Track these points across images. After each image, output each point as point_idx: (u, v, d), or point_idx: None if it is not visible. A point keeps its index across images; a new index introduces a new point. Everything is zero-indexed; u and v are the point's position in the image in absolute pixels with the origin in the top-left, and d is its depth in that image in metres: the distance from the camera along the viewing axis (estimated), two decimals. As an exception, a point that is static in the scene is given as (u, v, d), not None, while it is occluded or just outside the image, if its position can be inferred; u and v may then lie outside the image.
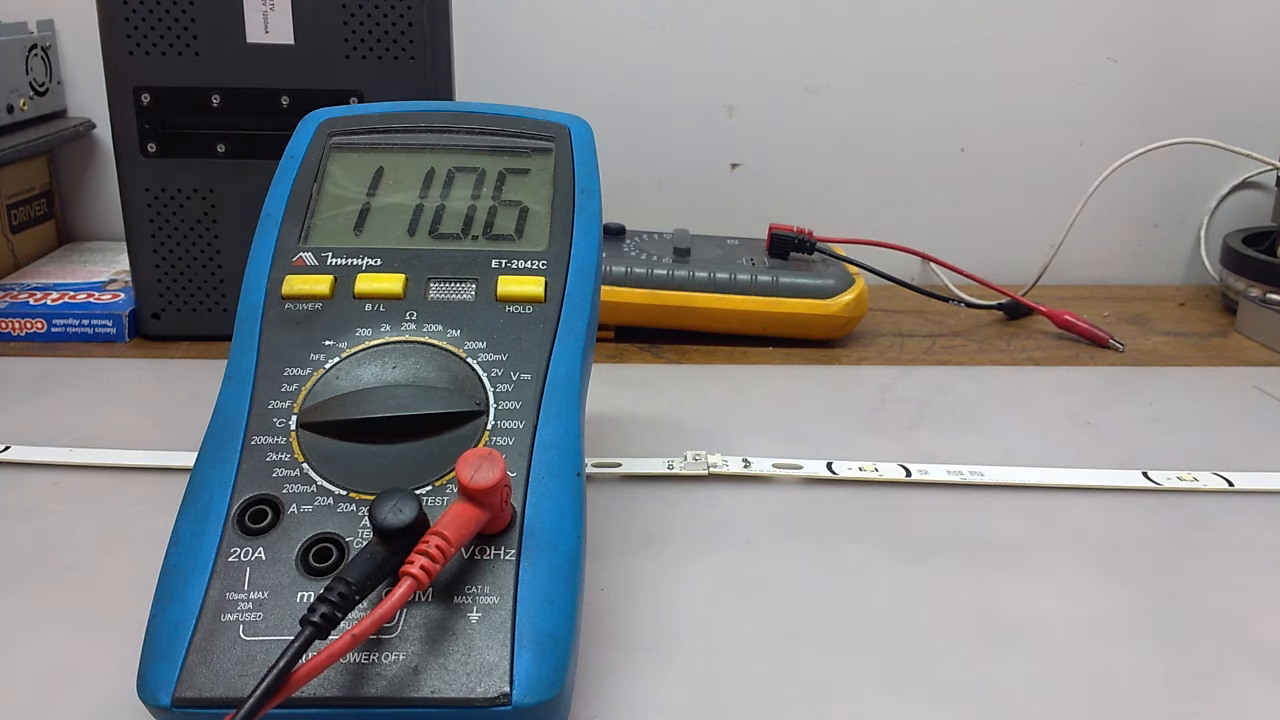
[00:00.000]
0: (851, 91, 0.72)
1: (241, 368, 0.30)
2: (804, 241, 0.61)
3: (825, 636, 0.32)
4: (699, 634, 0.32)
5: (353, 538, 0.26)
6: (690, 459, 0.43)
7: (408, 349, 0.30)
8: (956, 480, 0.42)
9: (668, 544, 0.37)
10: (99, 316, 0.57)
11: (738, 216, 0.72)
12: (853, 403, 0.50)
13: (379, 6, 0.52)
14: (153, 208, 0.55)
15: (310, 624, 0.23)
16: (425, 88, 0.54)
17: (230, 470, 0.28)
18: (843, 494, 0.41)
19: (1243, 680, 0.30)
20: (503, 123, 0.37)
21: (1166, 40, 0.72)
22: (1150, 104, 0.73)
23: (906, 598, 0.34)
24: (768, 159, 0.74)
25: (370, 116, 0.37)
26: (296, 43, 0.53)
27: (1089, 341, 0.61)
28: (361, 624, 0.23)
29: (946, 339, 0.61)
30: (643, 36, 0.71)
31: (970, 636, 0.32)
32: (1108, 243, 0.74)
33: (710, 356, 0.57)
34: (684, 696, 0.29)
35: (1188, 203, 0.75)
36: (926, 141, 0.73)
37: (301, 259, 0.33)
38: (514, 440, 0.29)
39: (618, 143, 0.69)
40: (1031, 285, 0.65)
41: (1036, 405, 0.51)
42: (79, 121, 0.70)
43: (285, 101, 0.53)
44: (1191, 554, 0.38)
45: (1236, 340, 0.62)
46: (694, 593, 0.34)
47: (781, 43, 0.71)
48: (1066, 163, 0.73)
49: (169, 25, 0.52)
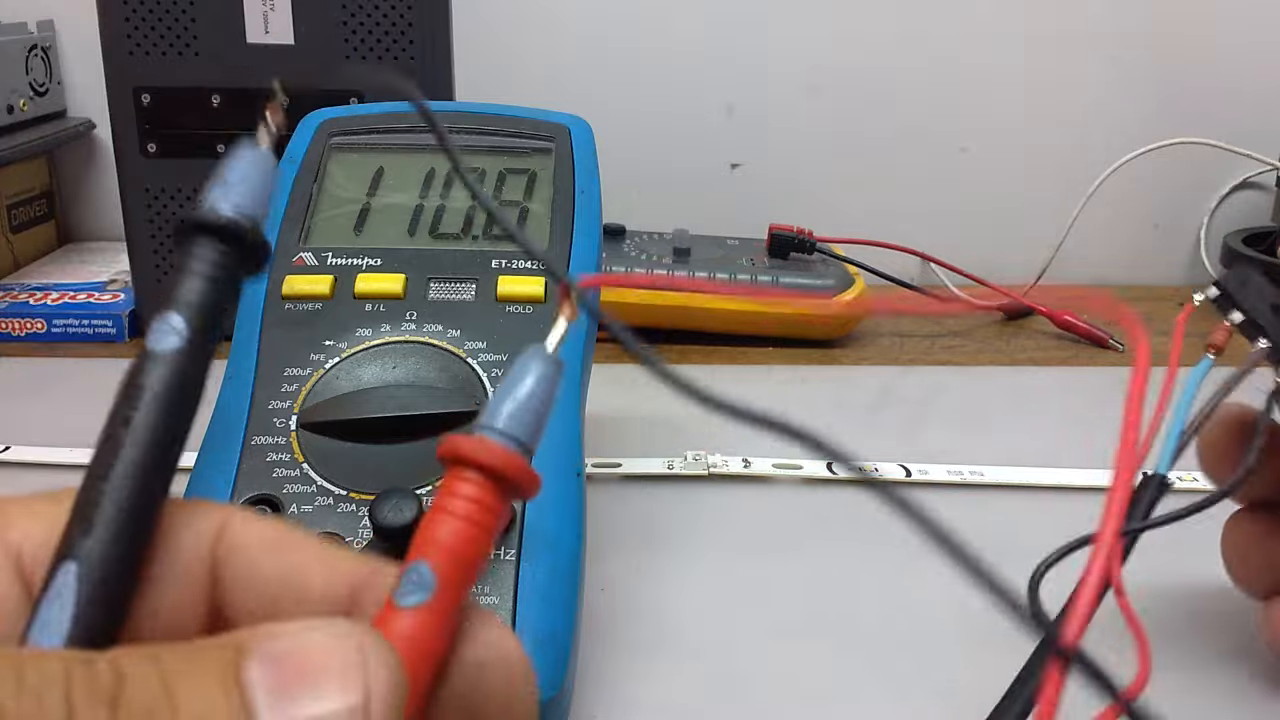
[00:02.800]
0: (851, 91, 0.72)
1: (241, 368, 0.30)
2: (804, 242, 0.60)
3: (825, 636, 0.32)
4: (699, 634, 0.32)
5: (353, 538, 0.26)
6: (690, 459, 0.43)
7: (408, 349, 0.30)
8: (956, 480, 0.42)
9: (668, 544, 0.37)
10: (99, 316, 0.57)
11: (738, 216, 0.71)
12: (853, 403, 0.50)
13: (379, 6, 0.52)
14: (152, 208, 0.55)
15: (310, 624, 0.23)
16: (425, 88, 0.53)
17: (230, 470, 0.28)
18: (843, 494, 0.41)
19: (1245, 675, 0.30)
20: (503, 123, 0.37)
21: (1166, 40, 0.72)
22: (1150, 104, 0.73)
23: (906, 598, 0.34)
24: (768, 159, 0.73)
25: (370, 117, 0.37)
26: (296, 43, 0.53)
27: (1089, 342, 0.61)
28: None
29: (946, 339, 0.61)
30: (643, 36, 0.71)
31: (970, 637, 0.32)
32: (1108, 243, 0.74)
33: (710, 356, 0.57)
34: (684, 696, 0.29)
35: (1188, 203, 0.75)
36: (926, 141, 0.73)
37: (301, 259, 0.33)
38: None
39: (618, 143, 0.69)
40: (1031, 286, 0.65)
41: (1036, 405, 0.51)
42: (79, 121, 0.70)
43: (285, 101, 0.53)
44: (1193, 554, 0.38)
45: (1236, 340, 0.62)
46: (694, 593, 0.34)
47: (781, 43, 0.71)
48: (1066, 163, 0.73)
49: (169, 25, 0.52)
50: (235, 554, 0.16)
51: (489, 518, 0.14)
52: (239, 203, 0.16)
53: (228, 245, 0.16)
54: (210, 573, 0.16)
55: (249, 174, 0.16)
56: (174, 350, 0.15)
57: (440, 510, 0.15)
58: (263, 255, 0.16)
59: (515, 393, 0.15)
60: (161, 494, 0.15)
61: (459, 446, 0.15)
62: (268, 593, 0.16)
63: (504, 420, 0.15)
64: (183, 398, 0.15)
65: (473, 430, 0.15)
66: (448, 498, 0.15)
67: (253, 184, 0.16)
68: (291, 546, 0.16)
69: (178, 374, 0.15)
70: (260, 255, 0.16)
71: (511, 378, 0.15)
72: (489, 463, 0.14)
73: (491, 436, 0.15)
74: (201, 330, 0.15)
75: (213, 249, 0.16)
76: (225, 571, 0.16)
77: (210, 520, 0.16)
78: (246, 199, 0.16)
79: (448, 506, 0.14)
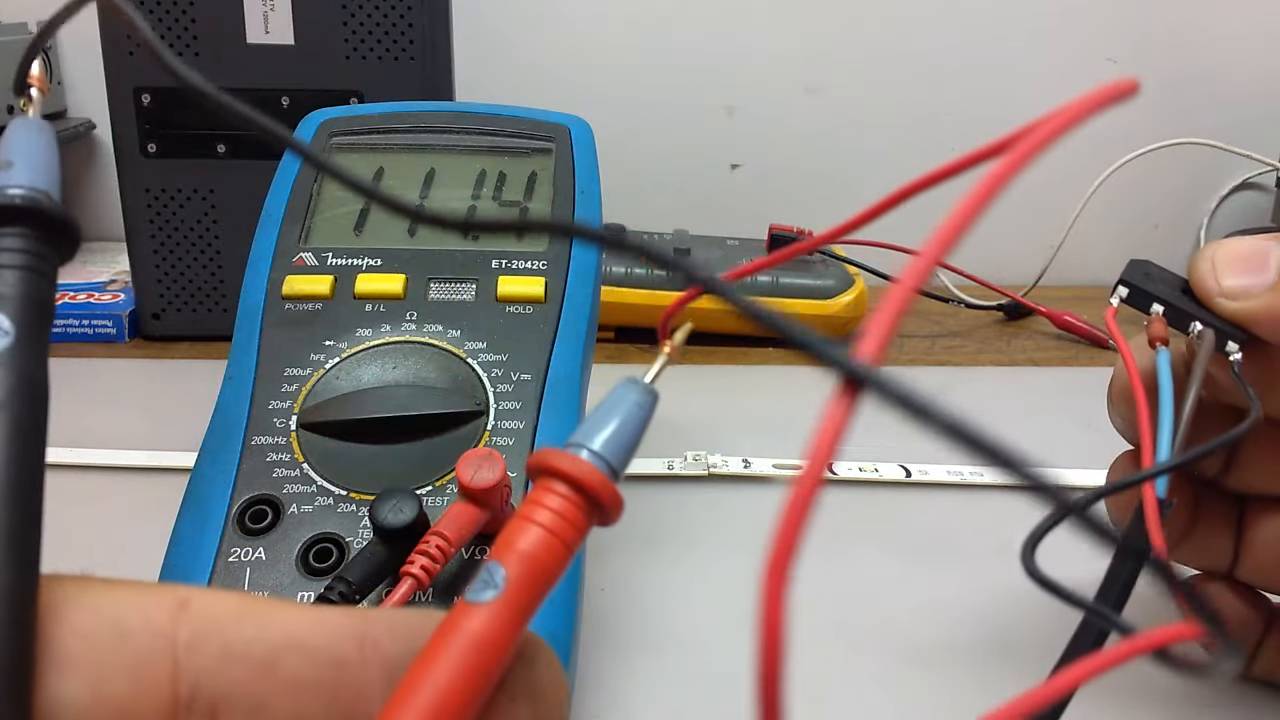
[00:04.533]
0: (851, 91, 0.72)
1: (241, 368, 0.30)
2: (804, 242, 0.60)
3: (825, 637, 0.32)
4: (699, 634, 0.32)
5: (353, 538, 0.26)
6: (690, 459, 0.43)
7: (408, 349, 0.30)
8: (956, 480, 0.42)
9: (668, 544, 0.37)
10: (99, 316, 0.57)
11: (738, 216, 0.72)
12: (853, 403, 0.50)
13: (379, 7, 0.52)
14: (153, 208, 0.55)
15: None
16: (425, 88, 0.54)
17: (230, 470, 0.28)
18: (843, 494, 0.41)
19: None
20: (503, 123, 0.37)
21: (1166, 40, 0.72)
22: (1150, 104, 0.73)
23: (906, 598, 0.34)
24: (768, 159, 0.74)
25: (370, 116, 0.37)
26: (296, 43, 0.53)
27: (1089, 342, 0.61)
28: (362, 624, 0.23)
29: (946, 339, 0.61)
30: (643, 37, 0.71)
31: (970, 637, 0.32)
32: (1108, 243, 0.74)
33: (710, 356, 0.57)
34: (684, 696, 0.29)
35: (1188, 203, 0.75)
36: (926, 141, 0.73)
37: (302, 259, 0.33)
38: (514, 440, 0.29)
39: (618, 143, 0.69)
40: (1032, 286, 0.65)
41: (1036, 405, 0.51)
42: (79, 121, 0.70)
43: (285, 101, 0.53)
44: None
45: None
46: (694, 593, 0.34)
47: (781, 43, 0.71)
48: (1066, 163, 0.73)
49: (169, 25, 0.52)
50: (203, 626, 0.14)
51: (571, 533, 0.14)
52: (28, 180, 0.14)
53: (28, 227, 0.14)
54: (169, 658, 0.13)
55: (29, 148, 0.15)
56: (5, 349, 0.13)
57: (523, 519, 0.14)
58: (71, 231, 0.15)
59: (612, 418, 0.15)
60: (35, 519, 0.13)
61: (552, 460, 0.14)
62: (253, 664, 0.14)
63: (600, 442, 0.15)
64: (30, 398, 0.13)
65: (565, 447, 0.15)
66: (532, 507, 0.14)
67: (35, 157, 0.15)
68: (266, 611, 0.14)
69: (15, 373, 0.13)
70: (69, 232, 0.14)
71: (609, 403, 0.15)
72: (582, 478, 0.14)
73: (585, 455, 0.15)
74: (29, 324, 0.14)
75: (14, 235, 0.14)
76: (194, 655, 0.13)
77: (160, 598, 0.14)
78: (35, 175, 0.15)
79: (532, 515, 0.14)
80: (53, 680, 0.13)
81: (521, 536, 0.14)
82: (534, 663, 0.14)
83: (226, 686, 0.13)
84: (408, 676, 0.13)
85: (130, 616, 0.13)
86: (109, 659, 0.13)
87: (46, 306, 0.14)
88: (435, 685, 0.13)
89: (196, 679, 0.13)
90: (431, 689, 0.12)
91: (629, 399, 0.15)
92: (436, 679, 0.13)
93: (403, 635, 0.14)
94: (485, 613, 0.13)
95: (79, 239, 0.15)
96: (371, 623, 0.14)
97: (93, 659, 0.13)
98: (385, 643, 0.14)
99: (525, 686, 0.14)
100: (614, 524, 0.15)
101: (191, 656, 0.13)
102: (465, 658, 0.13)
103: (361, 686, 0.14)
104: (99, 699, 0.13)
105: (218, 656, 0.13)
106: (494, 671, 0.13)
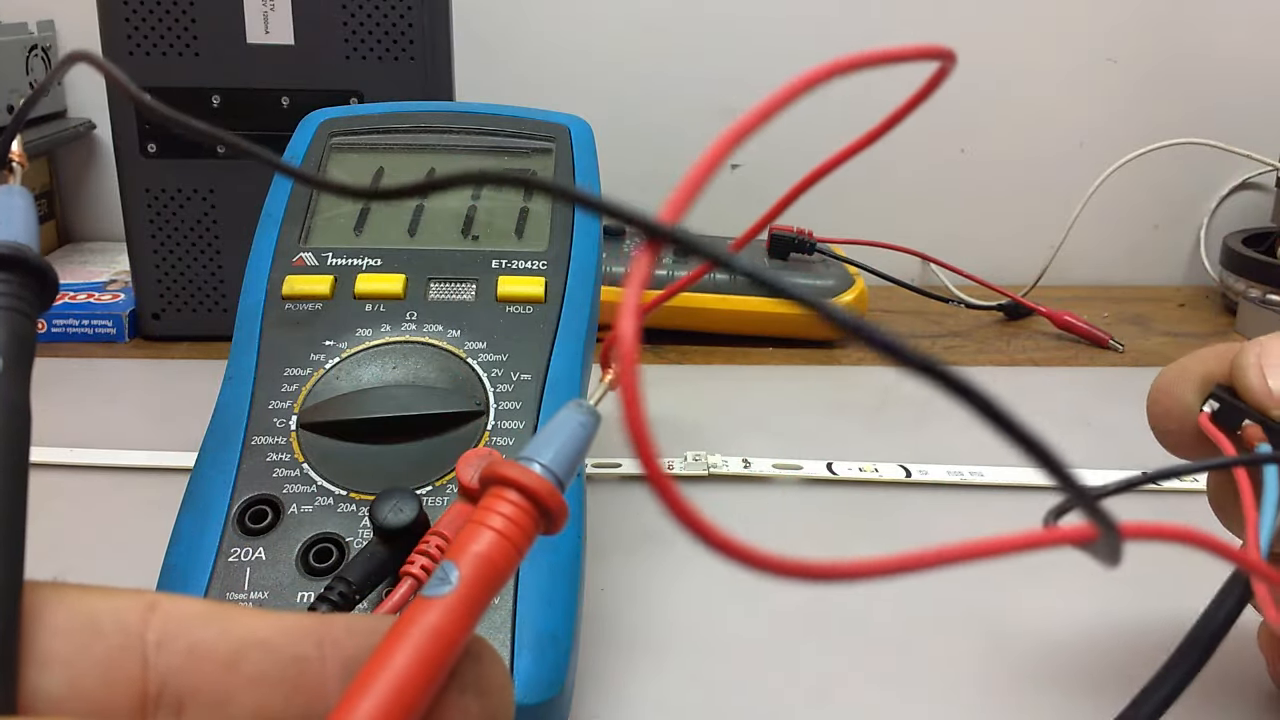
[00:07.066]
0: (851, 91, 0.72)
1: (241, 368, 0.30)
2: (804, 242, 0.60)
3: (825, 637, 0.32)
4: (699, 634, 0.32)
5: (353, 538, 0.26)
6: (690, 459, 0.43)
7: (408, 349, 0.30)
8: (956, 480, 0.42)
9: (668, 544, 0.37)
10: (99, 317, 0.57)
11: (738, 216, 0.71)
12: (853, 403, 0.50)
13: (379, 7, 0.52)
14: (153, 208, 0.55)
15: (310, 624, 0.23)
16: (425, 88, 0.54)
17: (230, 470, 0.28)
18: (843, 494, 0.41)
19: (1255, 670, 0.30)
20: (503, 123, 0.37)
21: (1166, 40, 0.72)
22: (1150, 104, 0.73)
23: (906, 598, 0.34)
24: (768, 159, 0.73)
25: (370, 117, 0.37)
26: (296, 43, 0.53)
27: (1089, 342, 0.61)
28: (362, 624, 0.23)
29: (946, 340, 0.61)
30: (643, 37, 0.71)
31: (970, 637, 0.32)
32: (1108, 243, 0.74)
33: (710, 356, 0.57)
34: (684, 696, 0.29)
35: (1188, 203, 0.75)
36: (926, 141, 0.73)
37: (302, 259, 0.33)
38: (514, 440, 0.29)
39: (618, 143, 0.69)
40: (1032, 286, 0.65)
41: (1036, 406, 0.51)
42: (79, 121, 0.70)
43: (285, 102, 0.53)
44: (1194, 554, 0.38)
45: (1237, 341, 0.62)
46: (694, 593, 0.34)
47: (781, 42, 0.71)
48: (1066, 163, 0.73)
49: (169, 25, 0.52)
50: (171, 626, 0.15)
51: (520, 537, 0.15)
52: (12, 236, 0.17)
53: (14, 274, 0.16)
54: (139, 656, 0.14)
55: (12, 211, 0.17)
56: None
57: (476, 523, 0.15)
58: (51, 281, 0.17)
59: (559, 435, 0.16)
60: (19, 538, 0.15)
61: (505, 470, 0.15)
62: (217, 661, 0.15)
63: (549, 456, 0.16)
64: (16, 422, 0.15)
65: (516, 459, 0.16)
66: (485, 513, 0.15)
67: (16, 219, 0.17)
68: (229, 614, 0.15)
69: (3, 400, 0.15)
70: (49, 281, 0.17)
71: (556, 422, 0.16)
72: (530, 486, 0.15)
73: (536, 468, 0.16)
74: (15, 357, 0.16)
75: (2, 281, 0.16)
76: (162, 653, 0.14)
77: (131, 601, 0.15)
78: (17, 233, 0.17)
79: (485, 520, 0.15)
80: (33, 674, 0.14)
81: (476, 539, 0.15)
82: (480, 658, 0.15)
83: (193, 682, 0.14)
84: (367, 665, 0.13)
85: (103, 618, 0.14)
86: (84, 656, 0.14)
87: (29, 343, 0.16)
88: (393, 670, 0.13)
89: (165, 675, 0.14)
90: (389, 673, 0.13)
91: (574, 419, 0.17)
92: (394, 664, 0.13)
93: (360, 633, 0.15)
94: (440, 606, 0.14)
95: (57, 288, 0.17)
96: (330, 624, 0.15)
97: (69, 655, 0.14)
98: (343, 641, 0.15)
99: (474, 680, 0.15)
100: (559, 532, 0.16)
101: (160, 654, 0.14)
102: (420, 647, 0.14)
103: (321, 681, 0.15)
104: (74, 692, 0.14)
105: (185, 654, 0.14)
106: (446, 661, 0.14)
